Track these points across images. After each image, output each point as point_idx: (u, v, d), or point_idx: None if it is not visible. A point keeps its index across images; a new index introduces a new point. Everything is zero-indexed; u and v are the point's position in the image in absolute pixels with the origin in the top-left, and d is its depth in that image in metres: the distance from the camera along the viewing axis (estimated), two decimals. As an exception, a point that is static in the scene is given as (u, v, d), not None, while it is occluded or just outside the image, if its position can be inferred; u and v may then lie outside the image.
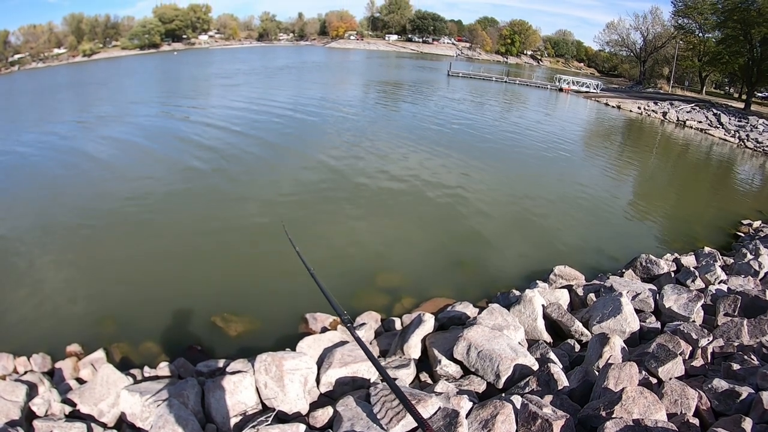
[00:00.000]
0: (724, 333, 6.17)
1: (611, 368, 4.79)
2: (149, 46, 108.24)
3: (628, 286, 8.43)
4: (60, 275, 9.78)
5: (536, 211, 14.67)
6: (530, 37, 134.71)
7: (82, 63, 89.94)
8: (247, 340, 7.82)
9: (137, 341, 7.69)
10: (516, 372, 5.46)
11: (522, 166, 20.51)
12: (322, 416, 5.00)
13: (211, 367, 6.58)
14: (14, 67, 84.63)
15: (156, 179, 15.61)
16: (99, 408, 5.54)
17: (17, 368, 6.90)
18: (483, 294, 9.44)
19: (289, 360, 5.48)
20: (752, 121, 40.36)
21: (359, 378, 5.70)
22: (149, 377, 6.48)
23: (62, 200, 13.88)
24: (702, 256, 11.10)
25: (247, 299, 8.88)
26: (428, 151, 20.99)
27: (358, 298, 8.93)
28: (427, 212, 13.87)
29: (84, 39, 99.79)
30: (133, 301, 8.78)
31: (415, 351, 6.51)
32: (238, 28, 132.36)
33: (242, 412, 5.22)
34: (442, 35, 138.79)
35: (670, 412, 4.37)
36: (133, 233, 11.74)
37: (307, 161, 18.33)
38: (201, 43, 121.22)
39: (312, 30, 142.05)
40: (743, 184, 22.86)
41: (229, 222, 12.46)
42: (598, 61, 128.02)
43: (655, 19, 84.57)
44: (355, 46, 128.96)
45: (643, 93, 66.46)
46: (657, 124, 41.52)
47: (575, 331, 6.94)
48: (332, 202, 14.12)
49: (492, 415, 4.25)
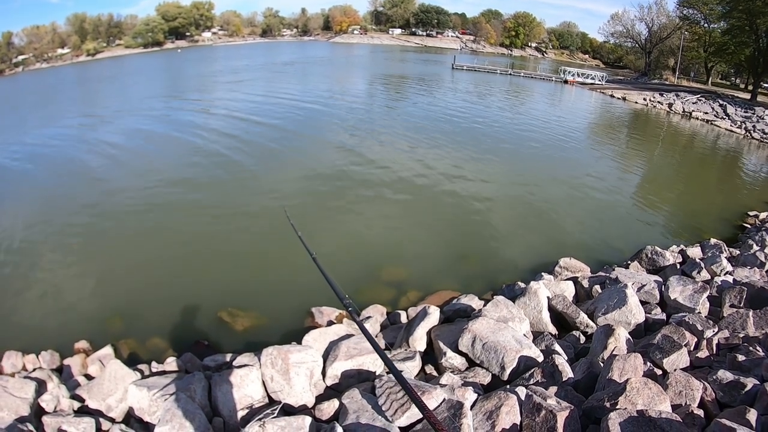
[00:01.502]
0: (730, 324, 6.16)
1: (616, 359, 4.79)
2: (153, 44, 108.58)
3: (634, 277, 8.42)
4: (67, 273, 9.87)
5: (541, 204, 14.65)
6: (534, 29, 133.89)
7: (87, 62, 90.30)
8: (254, 334, 7.89)
9: (144, 337, 7.77)
10: (521, 364, 5.46)
11: (527, 158, 20.46)
12: (328, 409, 5.03)
13: (218, 361, 6.64)
14: (18, 68, 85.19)
15: (160, 177, 15.68)
16: (107, 403, 5.62)
17: (26, 365, 6.99)
18: (488, 286, 9.47)
19: (295, 353, 5.51)
20: (758, 112, 39.99)
21: (365, 371, 5.73)
22: (157, 372, 6.55)
23: (68, 199, 14.00)
24: (708, 247, 11.06)
25: (253, 294, 8.94)
26: (432, 143, 20.98)
27: (364, 291, 8.97)
28: (431, 205, 13.88)
29: (87, 38, 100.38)
30: (140, 297, 8.86)
31: (420, 343, 6.52)
32: (241, 25, 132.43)
33: (249, 405, 5.26)
34: (446, 28, 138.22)
35: (674, 403, 4.37)
36: (139, 230, 11.83)
37: (313, 156, 18.36)
38: (204, 40, 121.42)
39: (315, 25, 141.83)
40: (749, 175, 22.70)
41: (235, 217, 12.53)
42: (603, 52, 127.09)
43: (660, 9, 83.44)
44: (358, 41, 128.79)
45: (648, 84, 66.03)
46: (663, 115, 41.26)
47: (580, 322, 6.94)
48: (337, 196, 14.15)
49: (496, 406, 4.27)
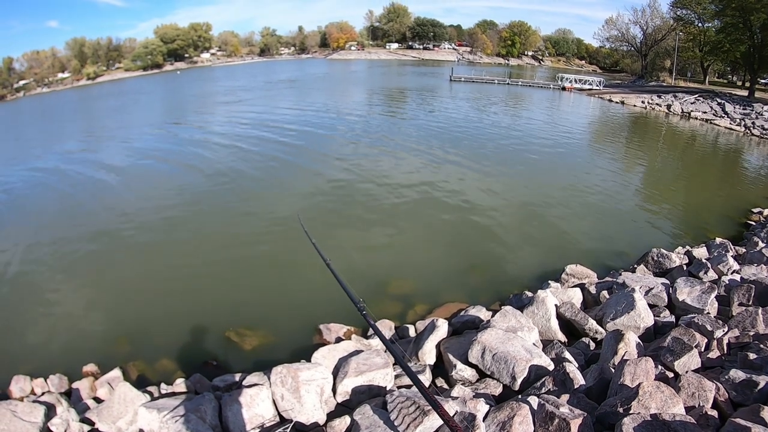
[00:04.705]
0: (740, 323, 6.13)
1: (627, 364, 4.77)
2: (152, 66, 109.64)
3: (641, 281, 8.39)
4: (74, 296, 9.90)
5: (545, 212, 14.64)
6: (530, 37, 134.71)
7: (87, 86, 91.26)
8: (262, 353, 7.87)
9: (153, 359, 7.77)
10: (531, 373, 5.44)
11: (528, 167, 20.47)
12: (339, 425, 5.01)
13: (228, 381, 6.61)
14: (20, 93, 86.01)
15: (165, 198, 15.76)
16: (117, 426, 5.60)
17: (34, 389, 6.99)
18: (495, 297, 9.44)
19: (305, 371, 5.49)
20: (757, 108, 40.02)
21: (375, 386, 5.69)
22: (166, 394, 6.53)
23: (75, 220, 14.06)
24: (714, 247, 11.02)
25: (260, 313, 8.94)
26: (434, 156, 21.05)
27: (371, 306, 8.80)
28: (435, 217, 13.89)
29: (87, 62, 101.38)
30: (148, 319, 8.86)
31: (430, 357, 6.50)
32: (239, 45, 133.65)
33: (260, 424, 5.24)
34: (442, 41, 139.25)
35: (688, 405, 4.34)
36: (145, 252, 11.87)
37: (317, 173, 18.41)
38: (203, 61, 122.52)
39: (313, 43, 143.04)
40: (751, 172, 22.67)
41: (239, 237, 12.55)
42: (599, 57, 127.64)
43: (653, 12, 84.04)
44: (356, 57, 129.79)
45: (645, 87, 66.17)
46: (662, 117, 41.31)
47: (589, 329, 6.91)
48: (342, 211, 14.20)
49: (509, 416, 4.24)
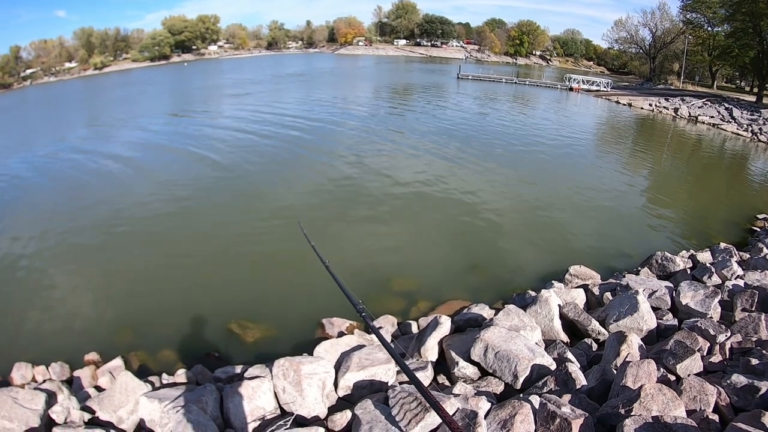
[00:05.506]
0: (742, 328, 6.12)
1: (629, 366, 4.78)
2: (160, 57, 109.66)
3: (645, 283, 8.38)
4: (77, 285, 9.93)
5: (550, 212, 14.62)
6: (539, 37, 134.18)
7: (94, 76, 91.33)
8: (264, 346, 7.89)
9: (155, 349, 7.79)
10: (534, 372, 5.45)
11: (534, 167, 20.40)
12: (340, 420, 5.03)
13: (229, 373, 6.63)
14: (27, 81, 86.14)
15: (169, 189, 15.79)
16: (118, 415, 5.62)
17: (36, 377, 7.02)
18: (499, 295, 9.44)
19: (307, 364, 5.51)
20: (765, 115, 39.76)
21: (377, 381, 5.71)
22: (167, 384, 6.55)
23: (78, 211, 14.09)
24: (718, 251, 10.99)
25: (263, 305, 8.95)
26: (439, 154, 21.02)
27: (374, 302, 8.93)
28: (440, 215, 13.88)
29: (95, 52, 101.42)
30: (151, 309, 8.89)
31: (432, 353, 6.51)
32: (247, 38, 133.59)
33: (261, 416, 5.26)
34: (450, 38, 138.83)
35: (689, 409, 4.35)
36: (148, 242, 11.90)
37: (322, 168, 18.42)
38: (211, 53, 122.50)
39: (320, 37, 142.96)
40: (757, 178, 22.55)
41: (244, 229, 12.57)
42: (608, 59, 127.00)
43: (663, 14, 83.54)
44: (363, 52, 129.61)
45: (653, 90, 65.79)
46: (669, 120, 41.11)
47: (592, 330, 6.91)
48: (346, 207, 14.20)
49: (511, 415, 4.26)
